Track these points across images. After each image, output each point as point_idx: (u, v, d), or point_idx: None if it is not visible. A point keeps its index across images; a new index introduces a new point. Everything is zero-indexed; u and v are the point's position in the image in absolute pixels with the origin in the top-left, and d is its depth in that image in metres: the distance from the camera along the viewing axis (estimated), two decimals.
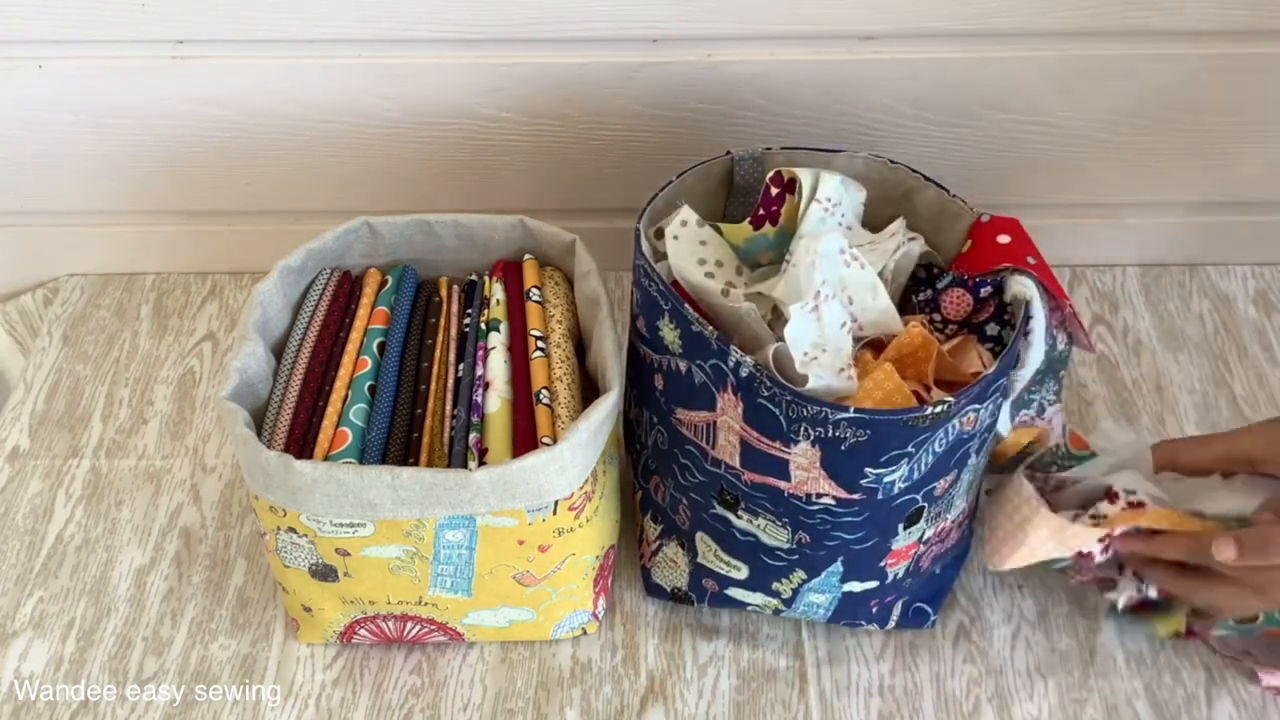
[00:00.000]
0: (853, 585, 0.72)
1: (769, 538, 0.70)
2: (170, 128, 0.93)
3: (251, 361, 0.71)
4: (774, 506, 0.68)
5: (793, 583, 0.72)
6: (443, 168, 0.97)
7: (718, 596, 0.76)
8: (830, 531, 0.68)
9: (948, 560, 0.77)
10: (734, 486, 0.69)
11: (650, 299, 0.68)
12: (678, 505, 0.75)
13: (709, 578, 0.76)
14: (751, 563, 0.73)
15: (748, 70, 0.89)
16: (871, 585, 0.73)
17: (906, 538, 0.70)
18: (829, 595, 0.73)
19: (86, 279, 1.05)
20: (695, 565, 0.76)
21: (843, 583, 0.72)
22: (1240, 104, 0.94)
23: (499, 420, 0.71)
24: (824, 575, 0.71)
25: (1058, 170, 0.98)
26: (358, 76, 0.90)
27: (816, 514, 0.67)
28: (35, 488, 0.88)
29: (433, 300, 0.79)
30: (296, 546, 0.70)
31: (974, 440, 0.67)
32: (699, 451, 0.70)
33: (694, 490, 0.72)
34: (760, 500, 0.68)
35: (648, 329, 0.69)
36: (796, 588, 0.73)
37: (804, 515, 0.67)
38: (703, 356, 0.65)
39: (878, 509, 0.66)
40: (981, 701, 0.76)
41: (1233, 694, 0.76)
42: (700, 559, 0.75)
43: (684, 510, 0.75)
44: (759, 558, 0.72)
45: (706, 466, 0.70)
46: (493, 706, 0.76)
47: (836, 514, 0.66)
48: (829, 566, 0.71)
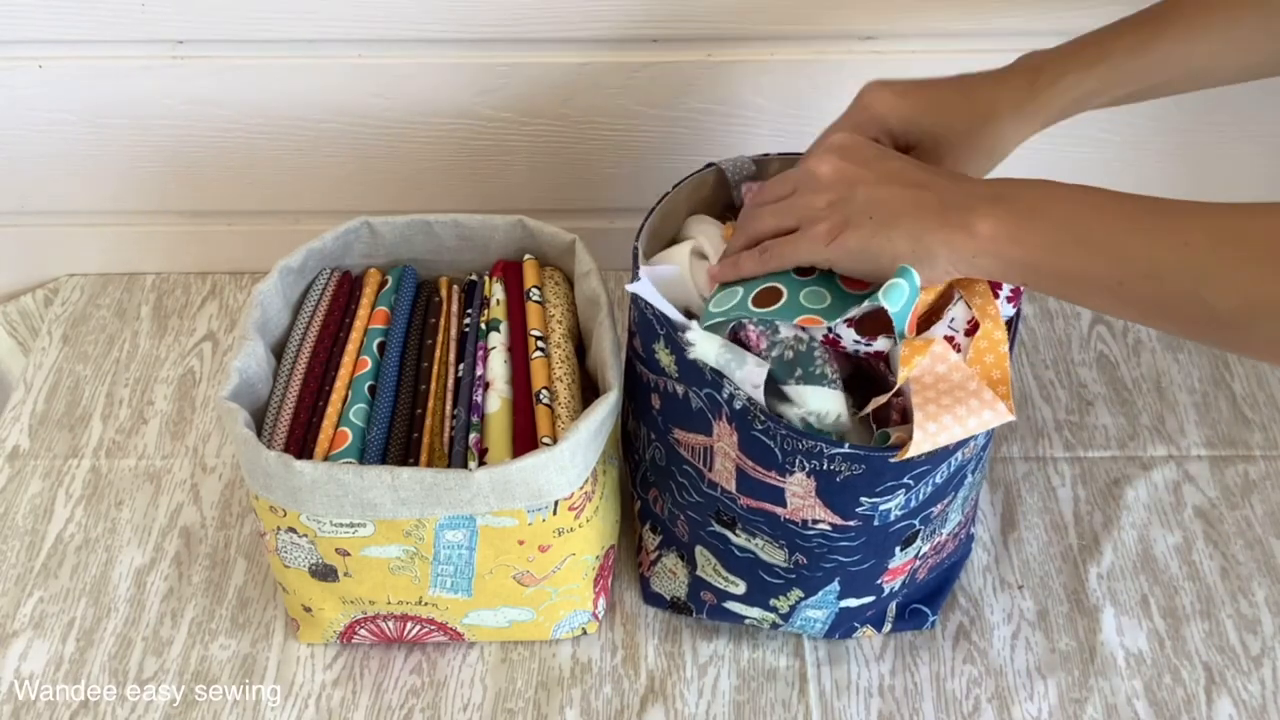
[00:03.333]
0: (849, 602, 0.73)
1: (767, 556, 0.70)
2: (170, 128, 0.93)
3: (251, 361, 0.71)
4: (771, 530, 0.68)
5: (790, 600, 0.72)
6: (443, 168, 0.97)
7: (716, 609, 0.76)
8: (827, 554, 0.68)
9: (944, 566, 0.78)
10: (730, 509, 0.69)
11: (646, 321, 0.67)
12: (676, 519, 0.75)
13: (707, 590, 0.76)
14: (750, 579, 0.73)
15: (748, 70, 0.89)
16: (868, 600, 0.73)
17: (903, 557, 0.70)
18: (826, 611, 0.73)
19: (86, 279, 1.05)
20: (694, 578, 0.76)
21: (840, 599, 0.72)
22: (1240, 104, 0.94)
23: (499, 420, 0.71)
24: (821, 594, 0.71)
25: (1057, 170, 0.98)
26: (358, 76, 0.90)
27: (813, 538, 0.67)
28: (35, 488, 0.88)
29: (433, 300, 0.79)
30: (296, 546, 0.70)
31: (971, 463, 0.66)
32: (696, 473, 0.70)
33: (691, 509, 0.72)
34: (757, 523, 0.68)
35: (644, 349, 0.69)
36: (794, 604, 0.73)
37: (800, 539, 0.67)
38: (698, 384, 0.65)
39: (874, 534, 0.66)
40: (981, 701, 0.76)
41: (1233, 694, 0.76)
42: (699, 572, 0.75)
43: (682, 525, 0.75)
44: (757, 574, 0.72)
45: (703, 488, 0.70)
46: (493, 706, 0.76)
47: (833, 539, 0.66)
48: (826, 586, 0.71)
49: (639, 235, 0.70)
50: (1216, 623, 0.80)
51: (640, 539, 0.80)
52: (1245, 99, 0.94)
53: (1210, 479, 0.88)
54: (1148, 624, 0.80)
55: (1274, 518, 0.86)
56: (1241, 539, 0.85)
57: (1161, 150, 0.97)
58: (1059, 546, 0.84)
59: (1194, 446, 0.91)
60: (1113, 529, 0.85)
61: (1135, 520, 0.86)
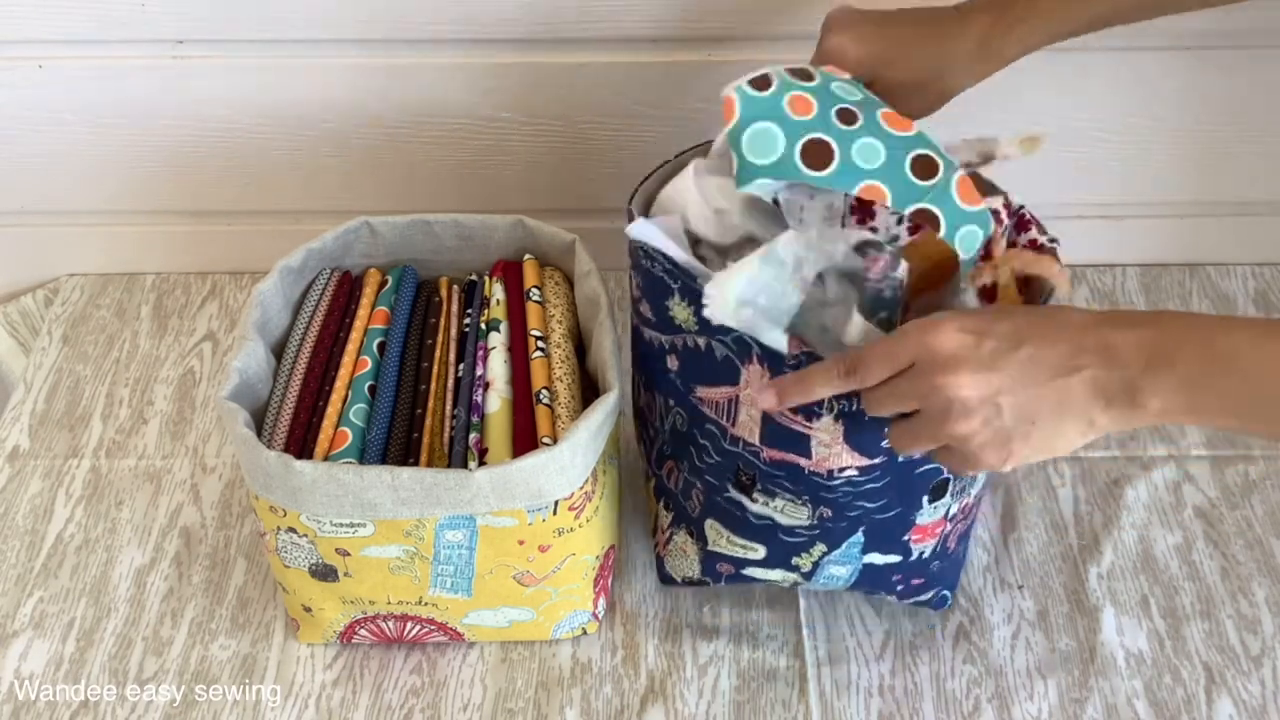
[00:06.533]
0: (874, 557, 0.72)
1: (787, 518, 0.70)
2: (170, 128, 0.93)
3: (251, 361, 0.71)
4: (792, 485, 0.68)
5: (813, 556, 0.72)
6: (443, 168, 0.97)
7: (735, 576, 0.76)
8: (853, 502, 0.67)
9: (965, 536, 0.77)
10: (751, 466, 0.68)
11: (654, 279, 0.66)
12: (691, 490, 0.75)
13: (723, 562, 0.76)
14: (769, 543, 0.73)
15: (748, 70, 0.89)
16: (894, 559, 0.72)
17: (933, 512, 0.69)
18: (849, 567, 0.73)
19: (86, 279, 1.05)
20: (706, 553, 0.76)
21: (864, 554, 0.71)
22: (1240, 104, 0.94)
23: (499, 420, 0.71)
24: (845, 547, 0.71)
25: (1058, 170, 0.98)
26: (358, 76, 0.90)
27: (838, 488, 0.66)
28: (35, 488, 0.88)
29: (433, 300, 0.79)
30: (296, 546, 0.70)
31: None
32: (718, 430, 0.69)
33: (709, 473, 0.72)
34: (778, 479, 0.68)
35: (654, 311, 0.69)
36: (817, 560, 0.72)
37: (824, 490, 0.67)
38: (722, 332, 0.64)
39: (899, 474, 0.66)
40: (981, 701, 0.76)
41: (1233, 694, 0.76)
42: (711, 546, 0.75)
43: (696, 495, 0.74)
44: (777, 538, 0.72)
45: (725, 445, 0.69)
46: (493, 706, 0.76)
47: (858, 483, 0.66)
48: (850, 537, 0.70)
49: (632, 199, 0.69)
50: (1216, 623, 0.80)
51: (655, 518, 0.80)
52: (1246, 99, 0.94)
53: (1210, 479, 0.88)
54: (1148, 624, 0.80)
55: (1274, 518, 0.86)
56: (1241, 539, 0.85)
57: (1162, 150, 0.97)
58: (1059, 546, 0.84)
59: (1194, 446, 0.91)
60: (1113, 529, 0.85)
61: (1135, 520, 0.86)
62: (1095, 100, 0.93)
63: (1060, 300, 0.64)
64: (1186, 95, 0.93)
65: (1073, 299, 1.02)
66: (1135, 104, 0.93)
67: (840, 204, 0.64)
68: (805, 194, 0.63)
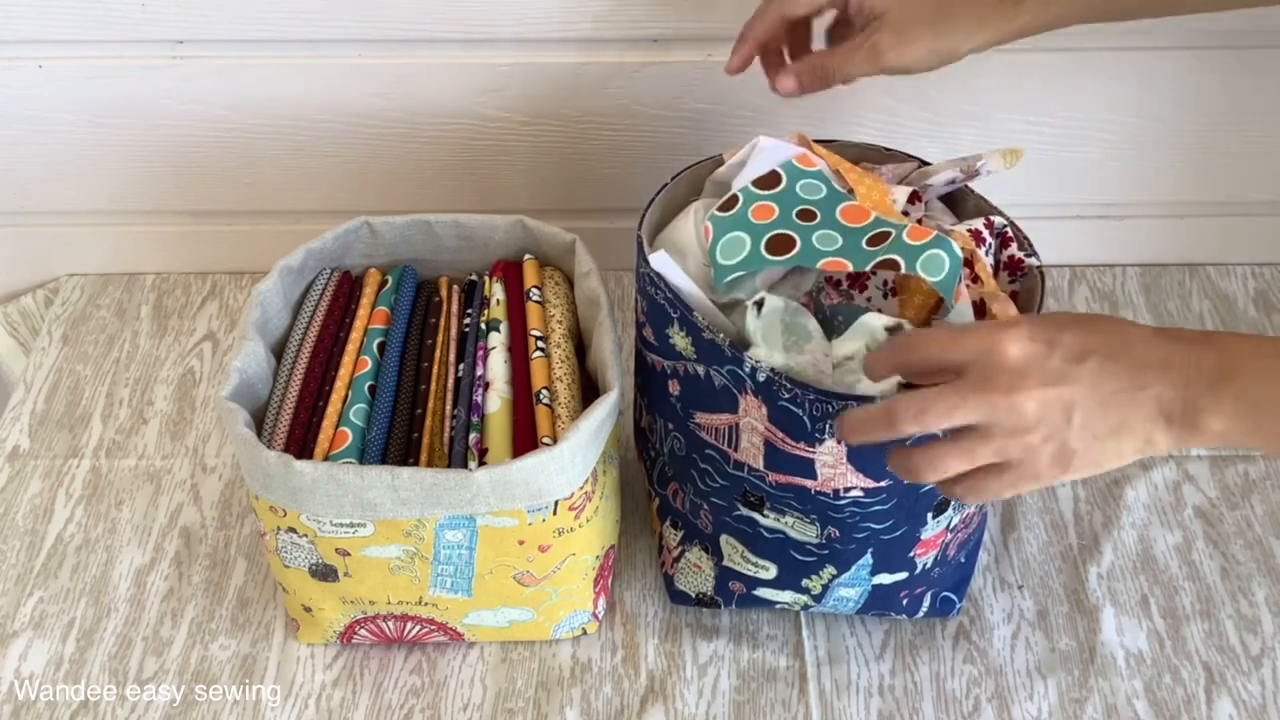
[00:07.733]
0: (882, 578, 0.72)
1: (797, 533, 0.70)
2: (170, 128, 0.93)
3: (251, 361, 0.71)
4: (800, 505, 0.68)
5: (823, 578, 0.72)
6: (443, 168, 0.97)
7: (746, 598, 0.76)
8: (860, 523, 0.68)
9: (969, 546, 0.77)
10: (758, 488, 0.69)
11: (657, 306, 0.67)
12: (699, 510, 0.75)
13: (736, 580, 0.76)
14: (780, 561, 0.73)
15: (747, 70, 0.89)
16: (901, 576, 0.73)
17: (935, 526, 0.70)
18: (859, 589, 0.73)
19: (86, 279, 1.05)
20: (721, 569, 0.76)
21: (873, 575, 0.72)
22: (1240, 104, 0.94)
23: (499, 420, 0.71)
24: (854, 569, 0.71)
25: (1058, 170, 0.98)
26: (358, 76, 0.90)
27: (845, 507, 0.67)
28: (35, 488, 0.88)
29: (433, 300, 0.79)
30: (296, 546, 0.70)
31: None
32: (720, 455, 0.70)
33: (715, 495, 0.72)
34: (786, 500, 0.68)
35: (656, 336, 0.69)
36: (827, 583, 0.73)
37: (832, 510, 0.67)
38: (718, 362, 0.65)
39: (906, 496, 0.66)
40: (981, 701, 0.76)
41: (1233, 694, 0.76)
42: (726, 561, 0.75)
43: (705, 515, 0.75)
44: (788, 554, 0.72)
45: (728, 470, 0.70)
46: (493, 706, 0.76)
47: (865, 505, 0.66)
48: (859, 559, 0.70)
49: (641, 224, 0.70)
50: (1216, 623, 0.80)
51: (661, 537, 0.80)
52: (1246, 99, 0.94)
53: (1210, 479, 0.88)
54: (1148, 624, 0.80)
55: (1274, 518, 0.86)
56: (1241, 539, 0.85)
57: (1162, 150, 0.97)
58: (1059, 546, 0.84)
59: (1194, 447, 0.91)
60: (1113, 529, 0.85)
61: (1135, 520, 0.86)
62: (1095, 100, 0.93)
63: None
64: (1186, 95, 0.93)
65: (1072, 301, 1.03)
66: (1135, 104, 0.93)
67: (811, 278, 0.69)
68: (777, 276, 0.68)
